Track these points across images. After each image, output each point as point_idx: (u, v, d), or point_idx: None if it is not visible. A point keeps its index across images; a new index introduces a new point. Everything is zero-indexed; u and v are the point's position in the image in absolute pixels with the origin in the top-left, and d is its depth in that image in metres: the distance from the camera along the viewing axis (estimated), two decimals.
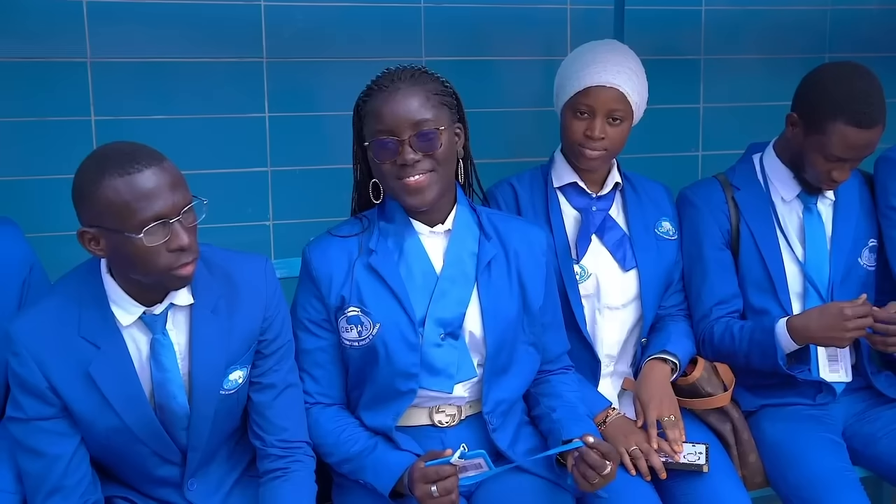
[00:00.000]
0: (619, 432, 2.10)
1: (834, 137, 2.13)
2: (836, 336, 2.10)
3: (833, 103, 2.12)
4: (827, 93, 2.15)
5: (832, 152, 2.14)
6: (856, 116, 2.10)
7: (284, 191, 2.59)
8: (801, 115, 2.21)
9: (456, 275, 1.93)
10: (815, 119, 2.16)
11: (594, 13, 2.70)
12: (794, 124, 2.23)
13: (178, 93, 2.48)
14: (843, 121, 2.11)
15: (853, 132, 2.11)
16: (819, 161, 2.18)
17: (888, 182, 2.35)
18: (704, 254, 2.32)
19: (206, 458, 1.87)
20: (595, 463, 1.77)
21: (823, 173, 2.20)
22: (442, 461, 1.77)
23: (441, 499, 1.76)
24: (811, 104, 2.18)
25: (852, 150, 2.14)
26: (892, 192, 2.34)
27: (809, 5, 2.92)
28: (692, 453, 2.06)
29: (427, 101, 1.84)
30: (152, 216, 1.59)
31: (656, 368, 2.20)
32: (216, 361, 1.79)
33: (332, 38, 2.55)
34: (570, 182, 2.28)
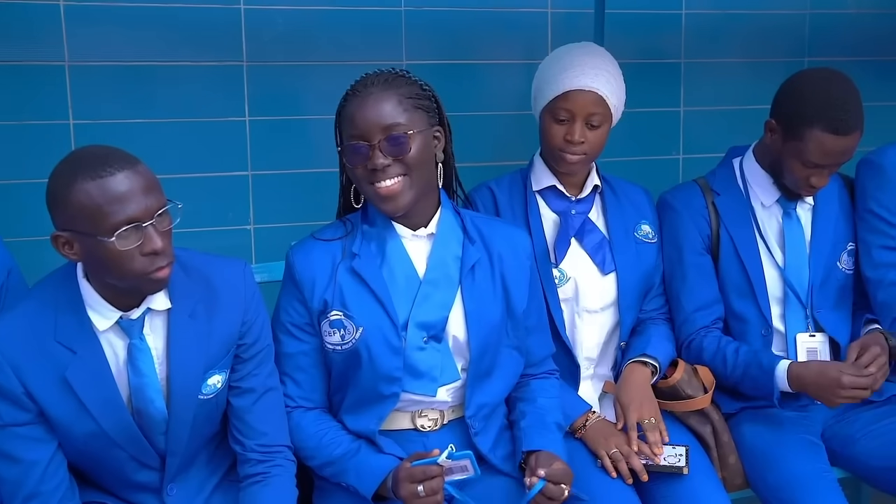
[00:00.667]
0: (599, 435, 2.10)
1: (811, 144, 2.14)
2: (826, 398, 2.12)
3: (810, 110, 2.14)
4: (804, 100, 2.16)
5: (810, 159, 2.16)
6: (833, 123, 2.11)
7: (265, 195, 2.58)
8: (779, 121, 2.22)
9: (439, 278, 1.93)
10: (793, 126, 2.17)
11: (575, 17, 2.71)
12: (773, 131, 2.25)
13: (158, 96, 2.47)
14: (821, 128, 2.12)
15: (830, 139, 2.12)
16: (797, 167, 2.20)
17: (868, 185, 2.37)
18: (685, 259, 2.33)
19: (186, 463, 1.86)
20: (553, 493, 1.79)
21: (802, 179, 2.21)
22: (429, 461, 1.77)
23: (427, 499, 1.76)
24: (789, 111, 2.19)
25: (830, 157, 2.15)
26: (870, 196, 2.36)
27: (789, 9, 2.94)
28: (672, 455, 2.06)
29: (399, 104, 1.84)
30: (125, 220, 1.59)
31: (637, 371, 2.20)
32: (194, 366, 1.78)
33: (312, 42, 2.54)
34: (550, 185, 2.28)
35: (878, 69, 2.98)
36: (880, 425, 2.23)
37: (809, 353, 2.31)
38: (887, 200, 2.33)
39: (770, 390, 2.18)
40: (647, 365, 2.21)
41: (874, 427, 2.23)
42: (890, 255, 2.33)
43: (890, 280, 2.32)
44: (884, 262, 2.33)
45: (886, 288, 2.32)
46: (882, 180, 2.34)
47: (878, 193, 2.34)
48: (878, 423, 2.23)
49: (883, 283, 2.33)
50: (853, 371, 2.08)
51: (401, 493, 1.78)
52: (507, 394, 2.06)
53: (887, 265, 2.32)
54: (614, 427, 2.13)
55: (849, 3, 3.00)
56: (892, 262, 2.32)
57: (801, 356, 2.31)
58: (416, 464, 1.78)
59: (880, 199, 2.34)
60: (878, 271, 2.34)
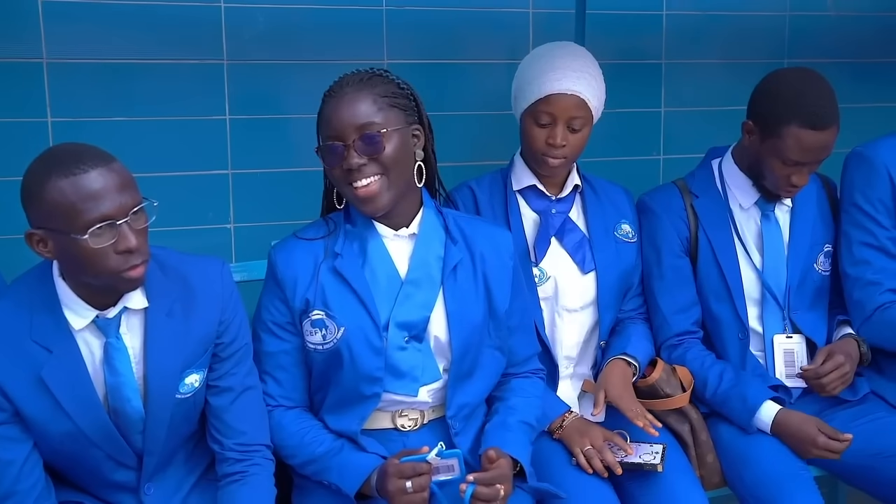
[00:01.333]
0: (574, 433, 2.11)
1: (790, 141, 2.15)
2: (799, 449, 2.17)
3: (787, 107, 2.15)
4: (780, 98, 2.18)
5: (789, 156, 2.17)
6: (810, 119, 2.13)
7: (245, 194, 2.58)
8: (756, 122, 2.23)
9: (421, 278, 1.93)
10: (771, 124, 2.18)
11: (556, 17, 2.71)
12: (750, 132, 2.26)
13: (138, 94, 2.45)
14: (798, 124, 2.14)
15: (808, 134, 2.14)
16: (777, 166, 2.21)
17: (856, 178, 2.37)
18: (663, 261, 2.34)
19: (163, 462, 1.85)
20: (485, 496, 1.78)
21: (782, 179, 2.22)
22: (418, 458, 1.77)
23: (414, 495, 1.76)
24: (765, 110, 2.20)
25: (809, 153, 2.16)
26: (857, 189, 2.36)
27: (769, 11, 2.95)
28: (648, 453, 2.07)
29: (373, 104, 1.84)
30: (98, 217, 1.58)
31: (620, 366, 2.21)
32: (171, 365, 1.77)
33: (293, 41, 2.54)
34: (530, 185, 2.29)
35: (857, 71, 3.01)
36: (856, 424, 2.24)
37: (786, 353, 2.34)
38: (873, 196, 2.33)
39: (747, 423, 2.21)
40: (627, 364, 2.22)
41: (850, 426, 2.23)
42: (870, 252, 2.34)
43: (868, 279, 2.33)
44: (863, 259, 2.34)
45: (863, 287, 2.34)
46: (870, 175, 2.34)
47: (866, 188, 2.34)
48: (854, 423, 2.25)
49: (860, 282, 2.34)
50: (831, 435, 2.13)
51: (388, 487, 1.77)
52: (487, 394, 2.06)
53: (866, 263, 2.34)
54: (591, 424, 2.13)
55: (828, 5, 3.01)
56: (871, 259, 2.33)
57: (778, 357, 2.33)
58: (406, 460, 1.78)
59: (867, 194, 2.34)
60: (857, 268, 2.35)
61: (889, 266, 2.33)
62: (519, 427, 1.98)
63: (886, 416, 2.26)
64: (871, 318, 2.32)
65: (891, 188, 2.32)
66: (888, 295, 2.32)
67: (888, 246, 2.33)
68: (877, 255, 2.33)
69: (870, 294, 2.32)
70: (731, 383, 2.24)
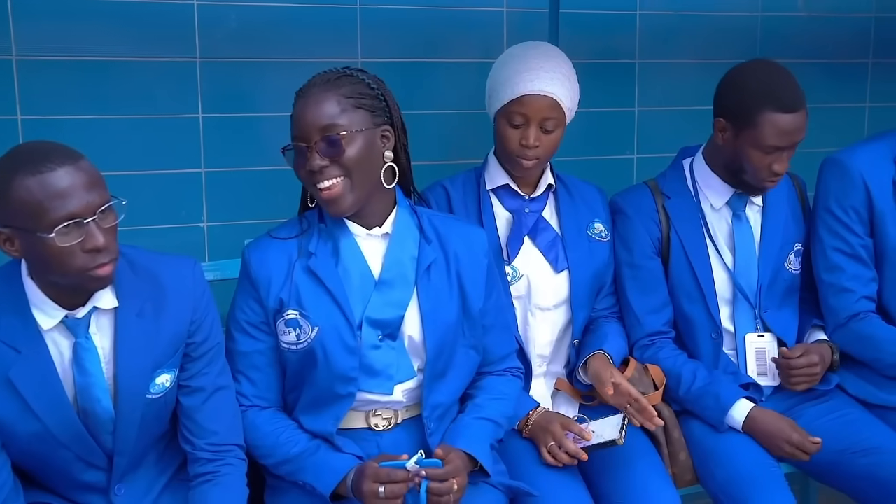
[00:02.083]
0: (538, 429, 2.11)
1: (767, 128, 2.17)
2: (770, 446, 2.19)
3: (757, 96, 2.18)
4: (749, 88, 2.20)
5: (768, 143, 2.18)
6: (781, 102, 2.16)
7: (219, 192, 2.56)
8: (728, 117, 2.24)
9: (394, 278, 1.93)
10: (744, 116, 2.20)
11: (530, 16, 2.71)
12: (723, 129, 2.27)
13: (109, 92, 2.43)
14: (771, 108, 2.16)
15: (782, 118, 2.16)
16: (757, 156, 2.21)
17: (831, 184, 2.38)
18: (635, 262, 2.35)
19: (134, 463, 1.84)
20: (438, 490, 1.78)
21: (764, 169, 2.22)
22: (397, 464, 1.77)
23: (386, 501, 1.75)
24: (736, 103, 2.22)
25: (786, 137, 2.18)
26: (832, 195, 2.37)
27: (741, 11, 2.97)
28: (608, 428, 2.05)
29: (337, 105, 1.84)
30: (65, 216, 1.57)
31: (603, 359, 2.21)
32: (142, 365, 1.76)
33: (266, 39, 2.52)
34: (503, 184, 2.29)
35: (828, 71, 3.03)
36: (824, 421, 2.27)
37: (758, 352, 2.36)
38: (847, 204, 2.35)
39: (719, 422, 2.23)
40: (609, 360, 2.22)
41: (819, 422, 2.27)
42: (843, 258, 2.36)
43: (842, 286, 2.35)
44: (837, 266, 2.36)
45: (837, 294, 2.36)
46: (845, 182, 2.35)
47: (840, 195, 2.36)
48: (823, 419, 2.28)
49: (834, 288, 2.36)
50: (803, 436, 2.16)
51: (363, 489, 1.77)
52: (461, 393, 2.06)
53: (840, 269, 2.36)
54: (552, 417, 2.12)
55: (800, 5, 3.04)
56: (845, 266, 2.36)
57: (749, 356, 2.35)
58: (385, 465, 1.77)
59: (841, 202, 2.36)
60: (831, 275, 2.37)
61: (863, 273, 2.35)
62: (478, 424, 1.98)
63: (853, 413, 2.29)
64: (845, 325, 2.35)
65: (865, 197, 2.34)
66: (863, 303, 2.34)
67: (861, 253, 2.35)
68: (850, 262, 2.35)
69: (844, 301, 2.35)
70: (704, 382, 2.25)
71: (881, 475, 2.10)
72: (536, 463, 2.08)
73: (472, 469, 1.92)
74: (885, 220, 2.33)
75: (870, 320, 2.33)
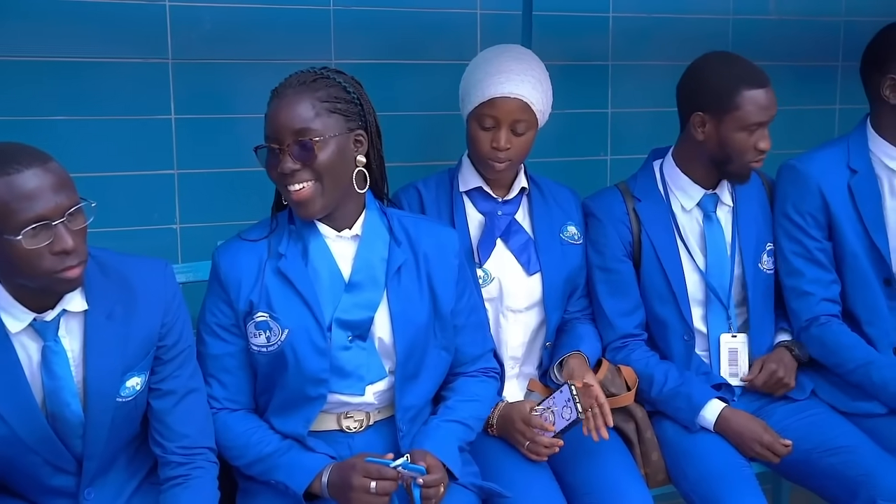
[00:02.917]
0: (505, 425, 2.13)
1: (749, 106, 2.21)
2: (741, 446, 2.21)
3: (732, 78, 2.23)
4: (721, 74, 2.25)
5: (752, 120, 2.22)
6: (754, 79, 2.23)
7: (192, 194, 2.54)
8: (707, 108, 2.26)
9: (364, 280, 1.93)
10: (724, 101, 2.23)
11: (503, 18, 2.72)
12: (703, 123, 2.28)
13: (80, 93, 2.41)
14: (747, 87, 2.22)
15: (760, 93, 2.22)
16: (742, 138, 2.24)
17: (788, 190, 2.42)
18: (606, 265, 2.36)
19: (104, 467, 1.83)
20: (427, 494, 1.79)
21: (750, 150, 2.25)
22: (382, 461, 1.77)
23: (376, 497, 1.75)
24: (712, 92, 2.25)
25: (765, 111, 2.23)
26: (789, 201, 2.41)
27: (713, 14, 2.99)
28: (567, 408, 2.05)
29: (311, 108, 1.84)
30: (33, 217, 1.56)
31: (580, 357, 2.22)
32: (112, 368, 1.75)
33: (240, 40, 2.51)
34: (477, 187, 2.29)
35: (798, 73, 3.06)
36: (794, 420, 2.30)
37: (731, 352, 2.38)
38: (804, 209, 2.39)
39: (691, 422, 2.25)
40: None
41: (788, 422, 2.29)
42: (802, 262, 2.39)
43: (802, 290, 2.39)
44: (797, 270, 2.39)
45: (798, 297, 2.39)
46: (802, 188, 2.39)
47: (798, 200, 2.40)
48: (792, 418, 2.31)
49: (797, 291, 2.40)
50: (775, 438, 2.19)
51: (352, 482, 1.76)
52: (433, 394, 2.06)
53: (800, 273, 2.39)
54: (511, 411, 2.12)
55: (770, 9, 3.07)
56: (804, 270, 2.39)
57: (723, 356, 2.37)
58: (371, 460, 1.77)
59: (798, 207, 2.40)
60: (792, 279, 2.41)
61: (822, 276, 2.38)
62: (447, 426, 1.98)
63: (822, 413, 2.31)
64: (806, 329, 2.38)
65: (821, 202, 2.38)
66: (824, 305, 2.37)
67: (820, 257, 2.38)
68: (809, 266, 2.38)
69: (805, 304, 2.38)
70: (676, 383, 2.27)
71: (848, 474, 2.13)
72: (508, 462, 2.09)
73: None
74: (843, 224, 2.37)
75: (830, 325, 2.36)
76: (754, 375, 2.32)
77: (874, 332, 2.36)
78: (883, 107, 2.38)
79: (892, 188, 2.40)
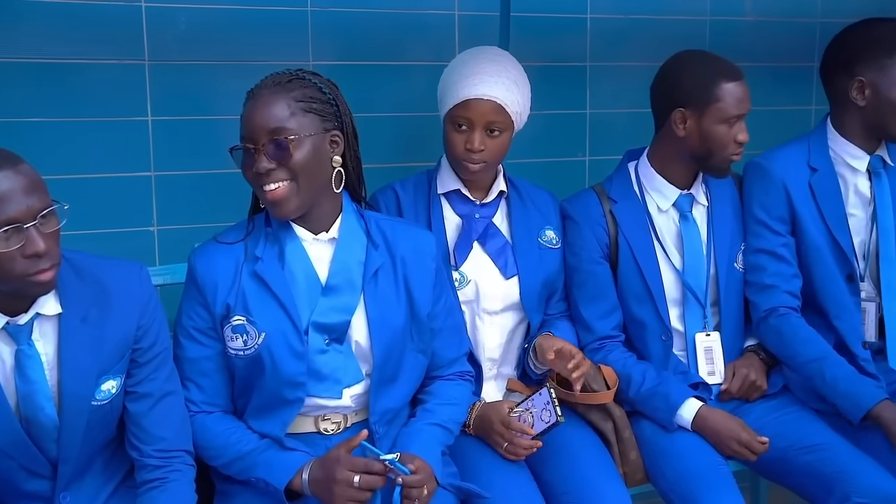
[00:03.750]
0: (482, 425, 2.13)
1: (728, 98, 2.25)
2: (719, 444, 2.22)
3: (709, 73, 2.26)
4: (698, 70, 2.28)
5: (732, 112, 2.25)
6: (731, 72, 2.27)
7: (169, 196, 2.53)
8: (688, 104, 2.28)
9: (341, 283, 1.92)
10: (705, 94, 2.25)
11: (481, 19, 2.72)
12: (684, 119, 2.30)
13: (55, 95, 2.39)
14: (725, 80, 2.25)
15: (736, 86, 2.26)
16: (723, 131, 2.26)
17: (754, 188, 2.45)
18: (583, 268, 2.37)
19: (80, 471, 1.82)
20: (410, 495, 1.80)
21: (731, 142, 2.27)
22: (372, 451, 1.76)
23: (359, 492, 1.75)
24: (692, 87, 2.27)
25: (743, 103, 2.27)
26: (755, 199, 2.43)
27: (690, 15, 3.01)
28: (546, 411, 2.07)
29: (287, 108, 1.83)
30: (4, 221, 1.55)
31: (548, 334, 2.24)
32: (87, 372, 1.74)
33: (216, 42, 2.50)
34: (455, 189, 2.30)
35: (776, 74, 3.08)
36: (770, 419, 2.31)
37: (707, 351, 2.39)
38: (770, 205, 2.41)
39: (668, 421, 2.26)
40: None
41: (764, 420, 2.30)
42: (765, 258, 2.40)
43: (765, 283, 2.40)
44: (759, 266, 2.41)
45: (759, 291, 2.41)
46: (767, 186, 2.41)
47: (763, 197, 2.42)
48: (769, 417, 2.32)
49: (759, 285, 2.41)
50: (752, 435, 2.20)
51: (335, 475, 1.76)
52: (410, 397, 2.06)
53: (762, 268, 2.40)
54: (490, 411, 2.13)
55: (747, 10, 3.09)
56: (767, 265, 2.40)
57: (700, 355, 2.38)
58: (362, 450, 1.76)
59: (764, 203, 2.42)
60: (755, 274, 2.42)
61: (784, 270, 2.40)
62: (430, 429, 1.98)
63: (798, 412, 2.33)
64: (765, 319, 2.39)
65: (786, 198, 2.40)
66: (784, 297, 2.38)
67: (783, 252, 2.40)
68: (771, 261, 2.40)
69: (766, 296, 2.39)
70: (654, 382, 2.28)
71: (824, 471, 2.14)
72: (486, 462, 2.09)
73: None
74: (806, 221, 2.39)
75: (789, 317, 2.37)
76: (728, 383, 2.34)
77: (843, 326, 2.38)
78: (848, 107, 2.41)
79: (855, 187, 2.43)
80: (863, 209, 2.44)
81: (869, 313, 2.42)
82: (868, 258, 2.43)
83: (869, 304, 2.43)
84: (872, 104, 2.36)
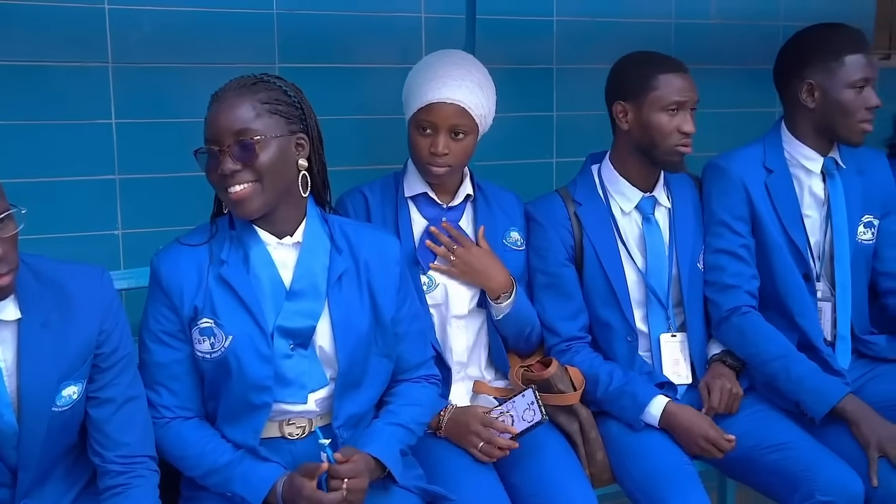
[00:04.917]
0: (458, 429, 2.14)
1: (664, 87, 2.28)
2: (686, 442, 2.24)
3: (647, 64, 2.32)
4: (637, 63, 2.33)
5: (671, 99, 2.28)
6: (669, 64, 2.31)
7: (133, 199, 2.51)
8: (626, 96, 2.32)
9: (305, 288, 1.91)
10: (641, 85, 2.30)
11: (448, 21, 2.73)
12: (625, 112, 2.34)
13: (17, 97, 2.37)
14: (663, 71, 2.30)
15: (676, 77, 2.29)
16: (664, 121, 2.29)
17: (712, 188, 2.47)
18: (549, 270, 2.38)
19: (40, 478, 1.80)
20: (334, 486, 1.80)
21: (673, 133, 2.29)
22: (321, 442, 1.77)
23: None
24: (630, 79, 2.32)
25: (683, 93, 2.29)
26: (714, 199, 2.46)
27: (655, 18, 3.03)
28: (528, 410, 2.09)
29: (252, 109, 1.83)
30: None
31: None
32: (47, 377, 1.72)
33: (181, 44, 2.49)
34: (422, 192, 2.30)
35: (740, 76, 3.10)
36: (737, 418, 2.33)
37: (672, 352, 2.40)
38: (729, 205, 2.43)
39: (636, 420, 2.27)
40: None
41: (732, 419, 2.32)
42: (725, 258, 2.42)
43: (725, 283, 2.42)
44: (719, 266, 2.43)
45: (720, 291, 2.43)
46: (726, 185, 2.44)
47: (723, 197, 2.44)
48: (736, 415, 2.33)
49: (717, 286, 2.43)
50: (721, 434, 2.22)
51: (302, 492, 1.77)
52: (375, 401, 2.05)
53: (721, 268, 2.43)
54: (467, 413, 2.14)
55: (712, 13, 3.12)
56: (726, 265, 2.42)
57: (665, 356, 2.40)
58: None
59: (723, 203, 2.44)
60: (713, 274, 2.44)
61: (744, 270, 2.42)
62: (389, 429, 1.98)
63: (764, 412, 2.34)
64: (727, 319, 2.41)
65: (745, 198, 2.42)
66: (744, 297, 2.41)
67: (742, 253, 2.42)
68: (731, 261, 2.42)
69: (727, 296, 2.41)
70: (621, 382, 2.29)
71: (789, 469, 2.16)
72: (453, 464, 2.10)
73: (381, 474, 1.92)
74: (765, 220, 2.42)
75: (751, 316, 2.39)
76: (707, 402, 2.32)
77: (806, 324, 2.40)
78: (799, 110, 2.44)
79: (809, 188, 2.47)
80: (817, 210, 2.47)
81: (825, 313, 2.46)
82: (823, 258, 2.46)
83: (825, 303, 2.46)
84: (821, 106, 2.40)
